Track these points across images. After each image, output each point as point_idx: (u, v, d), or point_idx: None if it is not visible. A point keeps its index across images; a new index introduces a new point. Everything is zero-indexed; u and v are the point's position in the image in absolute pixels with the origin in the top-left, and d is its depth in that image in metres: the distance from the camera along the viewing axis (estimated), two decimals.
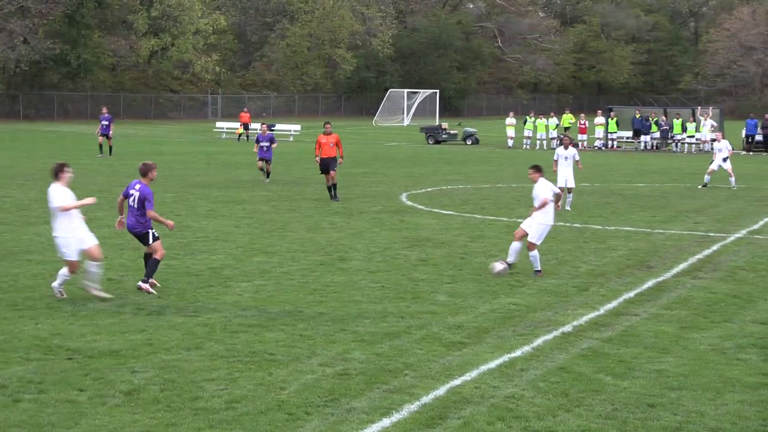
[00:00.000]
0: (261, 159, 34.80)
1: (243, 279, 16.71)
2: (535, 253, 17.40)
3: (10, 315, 13.67)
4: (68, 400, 9.94)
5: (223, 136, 68.13)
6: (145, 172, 16.07)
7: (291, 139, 65.05)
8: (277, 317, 13.84)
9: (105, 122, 46.55)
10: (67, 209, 14.56)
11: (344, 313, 14.22)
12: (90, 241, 14.81)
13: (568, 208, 27.46)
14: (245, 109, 68.99)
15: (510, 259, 17.41)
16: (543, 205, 17.43)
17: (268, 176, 34.93)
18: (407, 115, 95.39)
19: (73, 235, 14.59)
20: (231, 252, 19.57)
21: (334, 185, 29.46)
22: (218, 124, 73.45)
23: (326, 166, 29.57)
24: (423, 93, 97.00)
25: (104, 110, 47.87)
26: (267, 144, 34.61)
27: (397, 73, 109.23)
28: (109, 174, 36.56)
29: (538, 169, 17.73)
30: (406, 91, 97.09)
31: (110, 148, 46.33)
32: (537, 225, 17.48)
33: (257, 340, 12.49)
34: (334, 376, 10.98)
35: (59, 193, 14.62)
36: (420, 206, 28.27)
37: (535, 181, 17.66)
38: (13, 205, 26.62)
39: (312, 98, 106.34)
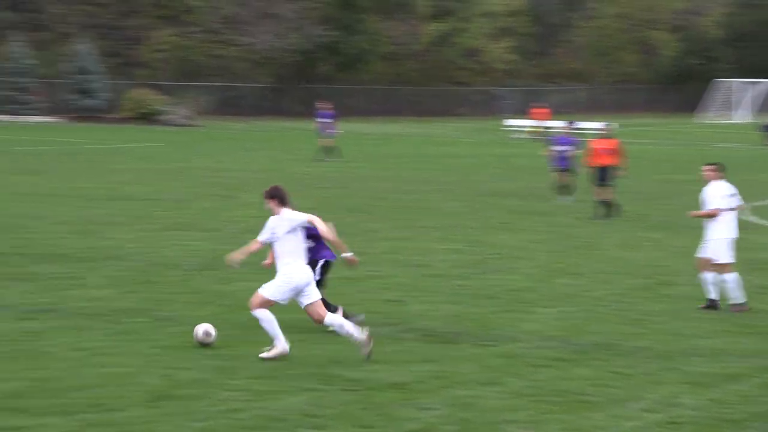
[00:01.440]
0: (558, 170, 31.74)
1: (546, 304, 16.74)
2: (729, 276, 16.35)
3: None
4: None
5: (518, 135, 68.48)
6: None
7: None
8: (588, 350, 13.76)
9: (327, 120, 46.39)
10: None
11: (670, 348, 13.96)
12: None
13: None
14: (539, 105, 68.23)
15: (711, 295, 16.41)
16: (711, 215, 16.54)
17: (568, 193, 31.37)
18: (744, 110, 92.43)
19: None
20: (530, 272, 19.66)
21: (610, 203, 28.06)
22: (511, 121, 73.94)
23: (602, 176, 28.23)
24: (765, 83, 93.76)
25: (324, 105, 47.50)
26: (567, 149, 31.49)
27: (729, 59, 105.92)
28: (390, 179, 37.58)
29: (718, 168, 16.92)
30: (740, 80, 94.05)
31: (332, 149, 45.89)
32: (714, 241, 16.54)
33: (565, 377, 12.46)
34: (661, 424, 10.78)
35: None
36: (764, 221, 27.33)
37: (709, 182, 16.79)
38: None
39: (623, 90, 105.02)
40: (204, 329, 13.52)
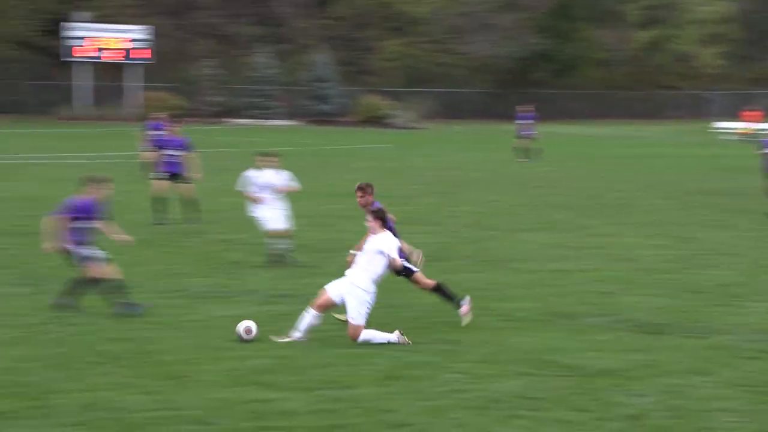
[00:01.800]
0: None
1: (755, 298, 16.19)
2: None
3: (501, 325, 14.26)
4: (565, 420, 10.15)
5: (728, 137, 66.46)
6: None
7: None
8: None
9: (527, 121, 45.89)
10: None
11: None
12: None
13: None
14: (752, 108, 66.19)
15: None
16: None
17: None
18: None
19: None
20: (739, 267, 19.07)
21: None
22: (719, 123, 71.91)
23: None
24: None
25: (525, 108, 46.76)
26: None
27: None
28: (600, 178, 36.97)
29: None
30: None
31: (530, 150, 45.24)
32: None
33: None
34: None
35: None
36: None
37: None
38: (501, 209, 27.81)
39: None
40: (245, 326, 13.19)
